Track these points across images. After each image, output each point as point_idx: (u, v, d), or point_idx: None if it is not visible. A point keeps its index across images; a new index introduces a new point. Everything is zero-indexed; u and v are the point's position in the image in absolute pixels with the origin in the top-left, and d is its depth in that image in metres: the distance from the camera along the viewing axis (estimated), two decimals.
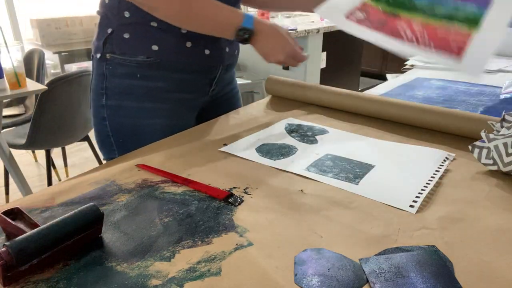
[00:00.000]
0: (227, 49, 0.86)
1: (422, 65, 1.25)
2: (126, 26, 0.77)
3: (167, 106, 0.81)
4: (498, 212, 0.48)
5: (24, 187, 1.86)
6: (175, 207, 0.49)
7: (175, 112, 0.82)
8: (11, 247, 0.36)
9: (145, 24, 0.76)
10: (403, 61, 1.33)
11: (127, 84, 0.79)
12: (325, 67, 2.73)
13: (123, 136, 0.81)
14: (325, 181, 0.55)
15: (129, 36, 0.77)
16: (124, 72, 0.78)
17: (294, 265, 0.39)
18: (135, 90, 0.79)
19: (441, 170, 0.57)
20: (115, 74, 0.79)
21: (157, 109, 0.80)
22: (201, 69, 0.83)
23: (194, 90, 0.85)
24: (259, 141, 0.68)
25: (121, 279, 0.37)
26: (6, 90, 1.67)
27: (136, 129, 0.80)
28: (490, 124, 0.61)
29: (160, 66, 0.78)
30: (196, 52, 0.80)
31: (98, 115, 0.83)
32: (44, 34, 3.89)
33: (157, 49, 0.77)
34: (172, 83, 0.80)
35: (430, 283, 0.36)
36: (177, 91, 0.81)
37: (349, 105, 0.80)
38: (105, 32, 0.78)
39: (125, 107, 0.80)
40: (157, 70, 0.78)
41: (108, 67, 0.79)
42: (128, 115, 0.80)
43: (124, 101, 0.79)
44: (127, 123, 0.80)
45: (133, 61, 0.77)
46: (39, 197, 0.52)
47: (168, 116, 0.81)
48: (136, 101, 0.79)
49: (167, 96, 0.80)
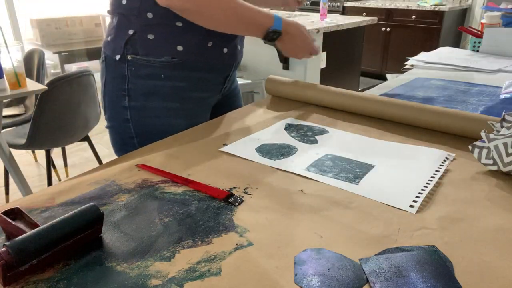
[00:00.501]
0: (239, 47, 0.89)
1: (422, 65, 1.25)
2: (150, 27, 0.77)
3: (189, 105, 0.83)
4: (498, 212, 0.48)
5: (24, 187, 1.86)
6: (175, 207, 0.49)
7: (195, 112, 0.85)
8: (11, 247, 0.36)
9: (170, 25, 0.77)
10: (403, 61, 1.33)
11: (152, 85, 0.79)
12: (325, 67, 2.73)
13: (148, 136, 0.80)
14: (325, 181, 0.55)
15: (154, 37, 0.77)
16: (148, 73, 0.79)
17: (294, 265, 0.39)
18: (160, 91, 0.80)
19: (441, 170, 0.57)
20: (138, 75, 0.79)
21: (180, 109, 0.82)
22: (219, 67, 0.86)
23: (210, 89, 0.87)
24: (259, 141, 0.68)
25: (121, 279, 0.37)
26: (6, 90, 1.67)
27: (161, 128, 0.81)
28: (490, 124, 0.61)
29: (183, 66, 0.80)
30: (216, 51, 0.82)
31: (118, 117, 0.83)
32: (44, 34, 3.89)
33: (181, 49, 0.78)
34: (192, 83, 0.82)
35: (430, 283, 0.36)
36: (197, 90, 0.83)
37: (349, 105, 0.80)
38: (126, 34, 0.78)
39: (150, 108, 0.80)
40: (180, 70, 0.80)
41: (130, 68, 0.79)
42: (154, 115, 0.81)
43: (149, 102, 0.80)
44: (153, 123, 0.81)
45: (157, 61, 0.78)
46: (39, 197, 0.52)
47: (190, 115, 0.83)
48: (161, 101, 0.80)
49: (188, 95, 0.82)
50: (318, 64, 2.66)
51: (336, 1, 4.55)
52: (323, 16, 2.81)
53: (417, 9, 4.00)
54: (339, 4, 4.52)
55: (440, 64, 1.23)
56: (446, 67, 1.20)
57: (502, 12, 1.43)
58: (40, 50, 2.42)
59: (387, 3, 4.28)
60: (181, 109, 0.82)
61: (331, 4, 4.52)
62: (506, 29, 1.30)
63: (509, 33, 1.29)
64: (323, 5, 2.78)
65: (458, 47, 1.63)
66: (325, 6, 2.79)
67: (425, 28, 3.99)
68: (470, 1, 4.13)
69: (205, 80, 0.85)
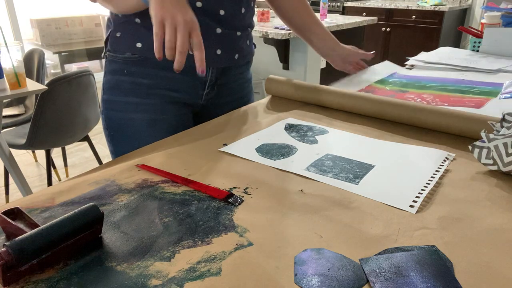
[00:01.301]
0: (219, 51, 0.84)
1: (422, 65, 1.25)
2: (119, 26, 0.82)
3: (152, 101, 0.83)
4: (498, 212, 0.48)
5: (24, 187, 1.86)
6: (175, 207, 0.49)
7: (161, 108, 0.84)
8: (11, 247, 0.36)
9: (131, 22, 0.80)
10: (403, 61, 1.33)
11: (116, 80, 0.83)
12: (325, 67, 2.73)
13: (113, 129, 0.86)
14: (325, 181, 0.55)
15: (120, 34, 0.82)
16: (115, 68, 0.83)
17: (294, 265, 0.39)
18: (122, 85, 0.83)
19: (441, 170, 0.57)
20: (108, 70, 0.85)
21: (141, 104, 0.83)
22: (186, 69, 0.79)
23: (182, 89, 0.85)
24: (259, 141, 0.68)
25: (121, 279, 0.37)
26: (6, 90, 1.67)
27: (122, 122, 0.84)
28: (490, 124, 0.61)
29: (145, 63, 0.81)
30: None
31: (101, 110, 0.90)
32: (44, 34, 3.89)
33: (140, 46, 0.80)
34: (158, 80, 0.82)
35: (430, 282, 0.36)
36: (163, 88, 0.83)
37: (349, 105, 0.80)
38: (107, 33, 0.85)
39: (115, 102, 0.84)
40: (141, 67, 0.81)
41: (106, 65, 0.86)
42: (118, 109, 0.84)
43: (114, 96, 0.84)
44: (117, 117, 0.85)
45: (121, 58, 0.82)
46: (39, 197, 0.52)
47: (153, 110, 0.84)
48: (123, 96, 0.83)
49: (152, 92, 0.83)
50: (318, 64, 2.66)
51: (336, 1, 4.55)
52: (323, 16, 2.81)
53: (417, 9, 4.00)
54: (339, 4, 4.52)
55: (440, 64, 1.23)
56: (446, 67, 1.20)
57: (502, 12, 1.43)
58: (40, 50, 2.42)
59: (387, 3, 4.28)
60: (142, 104, 0.83)
61: (331, 4, 4.52)
62: (506, 29, 1.30)
63: (509, 33, 1.29)
64: (323, 5, 2.78)
65: (458, 47, 1.63)
66: (325, 6, 2.79)
67: (425, 28, 3.99)
68: (470, 1, 4.13)
69: (173, 79, 0.83)
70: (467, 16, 4.20)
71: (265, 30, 2.37)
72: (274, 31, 2.33)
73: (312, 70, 2.63)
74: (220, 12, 0.81)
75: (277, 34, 2.30)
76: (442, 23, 3.89)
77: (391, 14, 4.19)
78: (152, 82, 0.82)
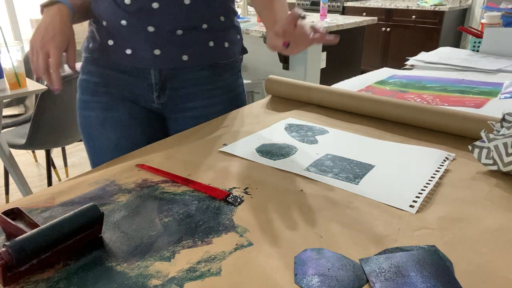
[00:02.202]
0: (157, 51, 0.77)
1: (422, 65, 1.25)
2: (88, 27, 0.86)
3: (102, 99, 0.84)
4: (498, 212, 0.48)
5: (24, 187, 1.86)
6: (175, 207, 0.49)
7: (110, 105, 0.84)
8: (11, 247, 0.36)
9: (89, 23, 0.83)
10: (403, 61, 1.33)
11: (80, 79, 0.86)
12: (325, 67, 2.73)
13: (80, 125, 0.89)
14: (325, 181, 0.55)
15: (87, 35, 0.85)
16: (81, 67, 0.86)
17: (294, 265, 0.39)
18: (82, 84, 0.85)
19: (441, 170, 0.57)
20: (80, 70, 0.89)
21: (92, 101, 0.84)
22: (131, 70, 0.80)
23: (132, 90, 0.82)
24: (259, 141, 0.68)
25: (121, 279, 0.37)
26: (6, 90, 1.67)
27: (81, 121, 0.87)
28: (490, 124, 0.61)
29: (96, 62, 0.83)
30: (118, 51, 0.78)
31: None
32: None
33: (91, 46, 0.83)
34: (106, 79, 0.83)
35: (430, 283, 0.36)
36: (112, 87, 0.83)
37: (349, 105, 0.80)
38: None
39: (79, 100, 0.87)
40: (95, 66, 0.83)
41: None
42: (78, 106, 0.87)
43: (79, 94, 0.87)
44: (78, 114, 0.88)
45: (84, 57, 0.86)
46: (39, 197, 0.52)
47: (103, 108, 0.84)
48: (80, 93, 0.86)
49: (104, 90, 0.83)
50: (318, 64, 2.66)
51: (336, 1, 4.55)
52: (323, 16, 2.81)
53: (417, 9, 4.00)
54: (339, 4, 4.52)
55: (440, 64, 1.23)
56: (446, 67, 1.20)
57: (502, 12, 1.43)
58: None
59: (387, 3, 4.28)
60: (94, 102, 0.84)
61: (331, 4, 4.52)
62: (506, 29, 1.30)
63: (509, 33, 1.29)
64: (323, 5, 2.78)
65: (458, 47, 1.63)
66: (325, 6, 2.79)
67: (425, 28, 4.00)
68: (470, 1, 4.13)
69: (120, 79, 0.81)
70: (467, 16, 4.21)
71: (265, 30, 2.37)
72: None
73: (312, 70, 2.63)
74: (152, 5, 0.73)
75: None
76: (442, 23, 3.89)
77: (391, 14, 4.20)
78: (103, 81, 0.83)
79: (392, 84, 1.03)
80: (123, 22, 0.75)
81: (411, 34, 4.10)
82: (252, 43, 2.84)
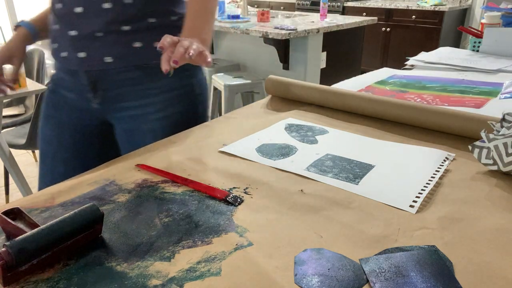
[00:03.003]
0: (82, 54, 0.78)
1: (422, 65, 1.25)
2: None
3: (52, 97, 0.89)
4: (498, 212, 0.48)
5: (24, 187, 1.86)
6: (175, 207, 0.49)
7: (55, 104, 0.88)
8: (11, 247, 0.36)
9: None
10: (403, 61, 1.33)
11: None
12: (325, 67, 2.73)
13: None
14: (325, 181, 0.55)
15: None
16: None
17: (294, 265, 0.39)
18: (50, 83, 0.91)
19: (441, 170, 0.57)
20: None
21: (48, 100, 0.89)
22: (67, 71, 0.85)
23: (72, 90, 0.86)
24: (259, 141, 0.68)
25: (121, 279, 0.37)
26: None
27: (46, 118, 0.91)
28: (490, 124, 0.61)
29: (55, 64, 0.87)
30: (57, 54, 0.84)
31: None
32: None
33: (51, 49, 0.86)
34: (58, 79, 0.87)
35: (430, 283, 0.36)
36: (62, 88, 0.87)
37: (349, 105, 0.80)
38: None
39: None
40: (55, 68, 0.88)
41: None
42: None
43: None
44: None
45: None
46: (39, 197, 0.52)
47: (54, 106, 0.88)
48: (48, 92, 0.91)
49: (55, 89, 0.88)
50: (318, 64, 2.66)
51: (336, 1, 4.55)
52: (323, 16, 2.81)
53: (417, 9, 4.01)
54: (339, 4, 4.52)
55: (440, 64, 1.23)
56: (446, 67, 1.20)
57: (502, 12, 1.43)
58: (40, 50, 2.42)
59: (387, 3, 4.28)
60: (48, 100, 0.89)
61: (331, 4, 4.52)
62: (506, 29, 1.30)
63: (509, 33, 1.29)
64: (323, 5, 2.78)
65: (458, 47, 1.63)
66: (325, 6, 2.79)
67: (425, 28, 4.00)
68: (470, 1, 4.13)
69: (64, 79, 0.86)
70: (467, 16, 4.21)
71: (265, 30, 2.37)
72: (274, 31, 2.33)
73: (312, 70, 2.63)
74: (75, 10, 0.76)
75: (277, 34, 2.30)
76: (442, 23, 3.89)
77: (391, 14, 4.20)
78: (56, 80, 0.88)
79: (392, 84, 1.03)
80: (56, 26, 0.82)
81: (411, 34, 4.10)
82: (252, 43, 2.84)
